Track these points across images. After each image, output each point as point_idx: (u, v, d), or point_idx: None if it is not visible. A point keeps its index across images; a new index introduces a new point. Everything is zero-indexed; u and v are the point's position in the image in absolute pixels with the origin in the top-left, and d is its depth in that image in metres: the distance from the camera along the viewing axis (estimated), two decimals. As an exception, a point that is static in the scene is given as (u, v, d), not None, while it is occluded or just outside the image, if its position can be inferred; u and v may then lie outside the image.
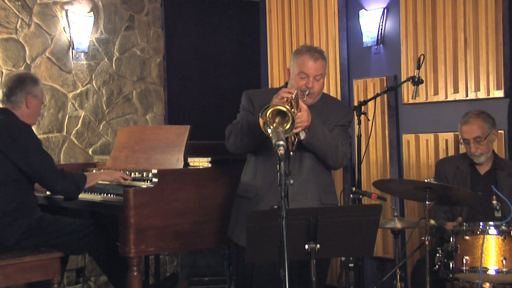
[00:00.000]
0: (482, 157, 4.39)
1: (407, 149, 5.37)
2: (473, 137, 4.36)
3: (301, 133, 3.60)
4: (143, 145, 4.94)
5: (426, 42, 5.25)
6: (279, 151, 2.90)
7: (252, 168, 3.89)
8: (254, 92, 3.95)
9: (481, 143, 4.35)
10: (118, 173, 4.54)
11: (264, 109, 3.26)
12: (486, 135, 4.35)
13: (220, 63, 6.62)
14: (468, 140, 4.38)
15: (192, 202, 4.34)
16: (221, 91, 6.59)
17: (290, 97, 3.47)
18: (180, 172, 4.39)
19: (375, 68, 5.60)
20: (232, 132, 3.77)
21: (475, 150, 4.36)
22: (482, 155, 4.38)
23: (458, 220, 4.16)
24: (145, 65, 6.21)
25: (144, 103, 6.21)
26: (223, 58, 6.64)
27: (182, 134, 4.65)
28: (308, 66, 3.73)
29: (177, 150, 4.62)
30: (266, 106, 3.27)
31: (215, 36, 6.62)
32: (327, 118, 3.83)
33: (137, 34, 6.16)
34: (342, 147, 3.78)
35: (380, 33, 5.52)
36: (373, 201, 4.28)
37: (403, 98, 5.39)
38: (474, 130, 4.36)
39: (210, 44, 6.58)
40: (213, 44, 6.60)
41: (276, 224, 2.86)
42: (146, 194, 4.11)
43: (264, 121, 3.25)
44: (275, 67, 6.31)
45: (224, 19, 6.66)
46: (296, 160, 3.74)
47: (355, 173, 4.82)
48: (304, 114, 3.52)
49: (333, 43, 5.83)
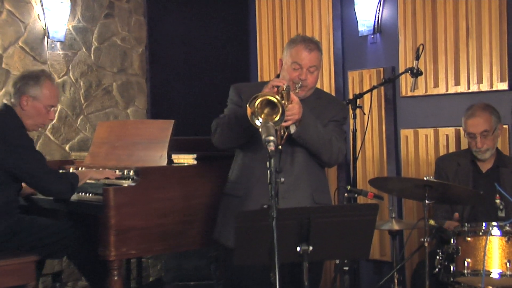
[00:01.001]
0: (488, 152, 4.40)
1: (405, 145, 5.40)
2: (480, 131, 4.36)
3: (292, 126, 3.61)
4: (124, 141, 4.93)
5: (426, 31, 5.27)
6: (269, 147, 2.90)
7: (240, 164, 3.90)
8: (243, 86, 3.96)
9: (488, 137, 4.36)
10: (108, 172, 4.53)
11: (253, 99, 3.26)
12: (493, 129, 4.37)
13: (207, 54, 6.61)
14: (474, 135, 4.38)
15: (177, 202, 4.34)
16: (208, 84, 6.58)
17: (281, 88, 3.48)
18: (163, 170, 4.39)
19: (371, 59, 5.62)
20: (218, 126, 3.78)
21: (482, 145, 4.37)
22: (487, 151, 4.39)
23: (455, 216, 4.18)
24: (126, 55, 6.20)
25: (125, 96, 6.20)
26: (210, 48, 6.63)
27: (166, 129, 4.65)
28: (302, 57, 3.75)
29: (160, 146, 4.62)
30: (255, 96, 3.27)
31: (201, 25, 6.61)
32: (321, 114, 3.84)
33: (117, 22, 6.14)
34: (337, 142, 3.79)
35: (376, 21, 5.53)
36: (369, 200, 4.30)
37: (401, 91, 5.42)
38: (481, 123, 4.36)
39: (196, 33, 6.57)
40: (200, 33, 6.59)
41: (266, 225, 2.87)
42: (128, 193, 4.11)
43: (252, 111, 3.25)
44: (265, 58, 6.32)
45: (211, 6, 6.65)
46: (287, 155, 3.75)
47: (350, 171, 4.83)
48: (295, 106, 3.53)
49: (326, 32, 5.84)
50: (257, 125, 3.24)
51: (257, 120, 3.25)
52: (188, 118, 6.30)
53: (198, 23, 6.61)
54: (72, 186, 4.25)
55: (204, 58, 6.62)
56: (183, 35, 6.53)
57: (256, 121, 3.25)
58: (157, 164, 4.54)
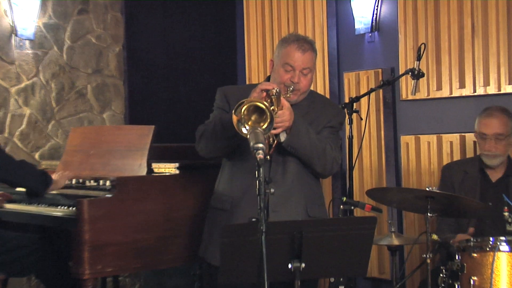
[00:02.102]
0: (497, 159, 4.41)
1: (405, 153, 5.41)
2: (493, 133, 4.37)
3: (282, 134, 3.61)
4: (100, 148, 4.92)
5: (428, 29, 5.29)
6: (258, 155, 2.90)
7: (228, 175, 3.90)
8: (230, 89, 3.96)
9: (501, 142, 4.37)
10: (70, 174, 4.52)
11: (238, 105, 3.26)
12: (508, 133, 4.38)
13: (190, 54, 6.61)
14: (486, 136, 4.39)
15: (157, 215, 4.33)
16: (192, 86, 6.58)
17: (271, 92, 3.48)
18: (143, 180, 4.39)
19: (368, 59, 5.64)
20: (203, 133, 3.78)
21: (493, 148, 4.38)
22: (497, 157, 4.40)
23: (470, 230, 4.18)
24: (102, 55, 6.19)
25: (101, 99, 6.19)
26: (194, 47, 6.64)
27: (146, 135, 4.65)
28: (295, 58, 3.75)
29: (139, 154, 4.61)
30: (240, 102, 3.27)
31: (184, 22, 6.62)
32: (314, 119, 3.84)
33: (92, 19, 6.14)
34: (331, 151, 3.80)
35: (374, 18, 5.56)
36: (366, 213, 4.31)
37: (401, 94, 5.43)
38: (497, 125, 4.37)
39: (179, 31, 6.57)
40: (183, 31, 6.59)
41: (254, 240, 2.87)
42: (103, 205, 4.10)
43: (239, 119, 3.26)
44: (253, 58, 6.33)
45: (195, 1, 6.66)
46: (279, 165, 3.75)
47: (346, 181, 4.84)
48: (286, 112, 3.53)
49: (320, 30, 5.85)
50: (244, 133, 3.24)
51: (244, 128, 3.25)
52: (170, 123, 6.29)
53: (180, 20, 6.61)
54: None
55: (188, 59, 6.62)
56: (164, 33, 6.52)
57: (243, 129, 3.25)
58: (136, 174, 4.53)
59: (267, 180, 2.94)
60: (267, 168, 3.61)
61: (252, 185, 2.98)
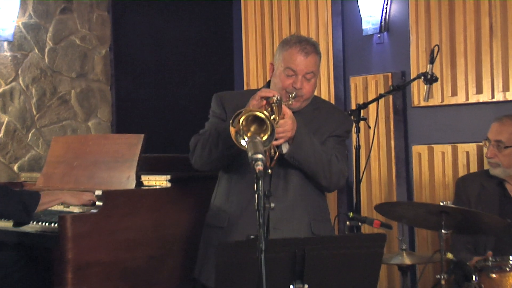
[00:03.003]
0: (498, 169, 4.43)
1: (418, 164, 5.42)
2: (494, 139, 4.41)
3: (284, 145, 3.62)
4: (84, 159, 4.93)
5: (442, 29, 5.30)
6: (257, 166, 2.91)
7: (224, 189, 3.90)
8: (227, 95, 3.97)
9: (501, 150, 4.39)
10: (87, 195, 4.44)
11: (236, 115, 3.27)
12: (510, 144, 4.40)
13: (183, 56, 6.62)
14: (489, 141, 4.43)
15: (147, 232, 4.34)
16: (185, 92, 6.59)
17: (271, 99, 3.49)
18: (131, 194, 4.39)
19: (377, 62, 5.65)
20: (198, 144, 3.78)
21: (491, 155, 4.41)
22: (498, 167, 4.42)
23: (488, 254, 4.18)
24: (87, 57, 6.20)
25: (86, 106, 6.20)
26: (188, 50, 6.64)
27: (134, 145, 4.66)
28: (297, 62, 3.76)
29: (127, 165, 4.62)
30: (238, 112, 3.28)
31: (177, 22, 6.63)
32: (319, 128, 3.85)
33: (76, 19, 6.15)
34: (338, 163, 3.80)
35: (384, 18, 5.57)
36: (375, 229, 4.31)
37: (412, 100, 5.45)
38: (498, 131, 4.41)
39: (171, 32, 6.58)
40: (175, 31, 6.60)
41: (253, 259, 2.87)
42: (88, 222, 4.11)
43: (237, 130, 3.27)
44: (252, 61, 6.34)
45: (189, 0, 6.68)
46: (280, 178, 3.76)
47: (353, 195, 4.84)
48: (288, 121, 3.55)
49: (324, 30, 5.87)
50: (242, 145, 3.25)
51: (242, 140, 3.26)
52: (161, 132, 6.30)
53: (173, 20, 6.62)
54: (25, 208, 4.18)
55: (181, 62, 6.63)
56: (154, 34, 6.53)
57: (242, 141, 3.26)
58: (124, 187, 4.54)
59: (267, 194, 2.94)
60: (267, 182, 3.61)
61: (251, 200, 2.99)
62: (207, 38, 6.74)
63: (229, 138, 3.30)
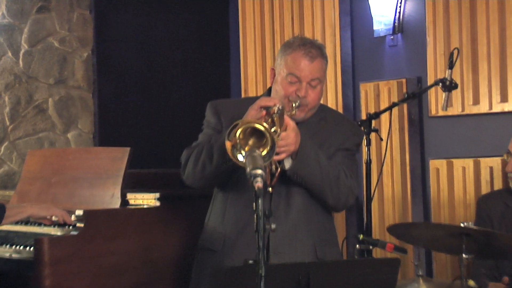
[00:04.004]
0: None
1: (435, 181, 5.43)
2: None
3: (286, 160, 3.62)
4: (63, 175, 4.93)
5: (462, 31, 5.32)
6: (256, 183, 2.91)
7: (220, 208, 3.90)
8: (223, 104, 3.97)
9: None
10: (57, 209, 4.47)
11: (232, 128, 3.28)
12: None
13: (174, 60, 6.62)
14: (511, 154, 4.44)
15: (134, 256, 4.34)
16: (176, 100, 6.59)
17: (272, 109, 3.50)
18: (115, 214, 4.40)
19: (390, 67, 5.66)
20: (190, 158, 3.79)
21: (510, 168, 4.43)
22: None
23: (504, 280, 4.19)
24: (67, 61, 6.21)
25: (65, 115, 6.20)
26: (179, 53, 6.65)
27: (119, 159, 4.66)
28: (300, 67, 3.75)
29: (111, 182, 4.63)
30: (234, 123, 3.29)
31: (167, 22, 6.63)
32: (326, 140, 3.85)
33: (54, 18, 6.16)
34: (346, 180, 3.80)
35: (397, 18, 5.59)
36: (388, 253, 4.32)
37: (429, 110, 5.46)
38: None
39: (160, 34, 6.59)
40: (165, 33, 6.61)
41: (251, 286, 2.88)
42: (68, 245, 4.11)
43: (233, 144, 3.28)
44: (250, 66, 6.35)
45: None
46: (281, 197, 3.76)
47: (363, 215, 4.85)
48: (291, 134, 3.55)
49: (331, 32, 5.88)
50: (240, 160, 3.26)
51: (239, 154, 3.27)
52: (149, 145, 6.30)
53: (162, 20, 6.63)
54: None
55: (171, 66, 6.64)
56: (142, 35, 6.54)
57: (239, 155, 3.27)
58: (107, 206, 4.54)
59: (267, 214, 2.94)
60: (267, 200, 3.61)
61: (249, 221, 2.99)
62: (200, 40, 6.75)
63: (225, 152, 3.30)
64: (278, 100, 3.61)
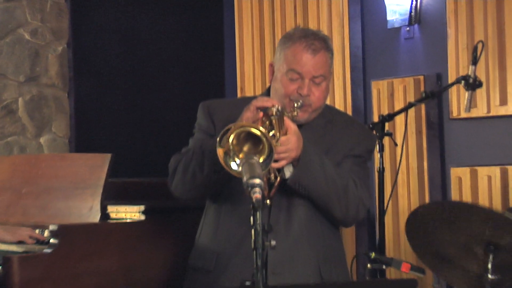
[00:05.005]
0: None
1: (457, 191, 5.44)
2: None
3: (286, 168, 3.63)
4: (36, 185, 4.94)
5: (488, 21, 5.33)
6: (254, 194, 2.91)
7: (212, 222, 3.91)
8: (216, 104, 3.98)
9: None
10: (24, 230, 4.48)
11: (223, 133, 3.28)
12: None
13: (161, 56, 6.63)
14: None
15: (115, 277, 4.34)
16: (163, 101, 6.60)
17: (270, 111, 3.51)
18: (94, 229, 4.40)
19: (406, 63, 5.68)
20: (179, 166, 3.79)
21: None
22: None
23: None
24: (39, 56, 6.22)
25: (37, 117, 6.21)
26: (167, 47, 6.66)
27: (99, 167, 4.67)
28: (302, 61, 3.75)
29: (90, 193, 4.63)
30: (227, 128, 3.29)
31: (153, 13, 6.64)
32: (332, 145, 3.85)
33: (25, 7, 6.17)
34: (356, 190, 3.80)
35: (414, 7, 5.60)
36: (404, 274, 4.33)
37: (451, 111, 5.47)
38: None
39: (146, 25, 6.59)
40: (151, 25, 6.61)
41: (249, 311, 2.89)
42: (40, 264, 4.11)
43: (226, 151, 3.28)
44: (247, 61, 6.36)
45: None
46: (282, 210, 3.76)
47: (375, 230, 4.86)
48: (292, 139, 3.55)
49: (339, 22, 5.90)
50: (233, 169, 3.27)
51: (233, 162, 3.27)
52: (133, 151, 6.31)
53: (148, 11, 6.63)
54: None
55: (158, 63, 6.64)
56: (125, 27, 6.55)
57: (233, 164, 3.27)
58: (85, 220, 4.54)
59: (266, 229, 2.94)
60: (266, 214, 3.61)
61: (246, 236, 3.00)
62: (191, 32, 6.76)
63: (217, 160, 3.31)
64: (277, 100, 3.61)
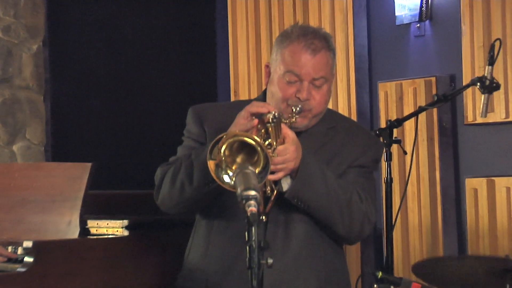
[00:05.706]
0: None
1: (473, 204, 5.43)
2: None
3: (284, 181, 3.62)
4: (8, 197, 4.93)
5: (506, 18, 5.33)
6: (249, 207, 2.90)
7: (202, 239, 3.90)
8: (208, 109, 3.97)
9: None
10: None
11: (214, 143, 3.28)
12: None
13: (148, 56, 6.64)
14: None
15: (95, 299, 4.35)
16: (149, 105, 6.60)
17: (266, 117, 3.50)
18: (73, 246, 4.40)
19: (416, 63, 5.68)
20: (166, 177, 3.78)
21: None
22: None
23: None
24: (12, 56, 6.22)
25: (10, 123, 6.21)
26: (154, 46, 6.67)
27: (78, 178, 4.67)
28: (301, 62, 3.75)
29: (68, 206, 4.63)
30: (218, 137, 3.29)
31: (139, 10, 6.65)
32: (335, 155, 3.85)
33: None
34: (361, 204, 3.80)
35: (425, 1, 5.60)
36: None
37: (465, 116, 5.47)
38: None
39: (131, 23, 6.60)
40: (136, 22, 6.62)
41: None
42: (14, 285, 4.11)
43: (217, 163, 3.27)
44: (241, 62, 6.36)
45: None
46: (279, 225, 3.76)
47: (383, 247, 4.85)
48: (290, 148, 3.54)
49: (343, 19, 5.90)
50: (226, 183, 3.26)
51: (225, 175, 3.27)
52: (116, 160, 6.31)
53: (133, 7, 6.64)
54: None
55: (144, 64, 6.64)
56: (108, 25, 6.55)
57: (225, 176, 3.27)
58: (63, 236, 4.54)
59: (262, 246, 2.94)
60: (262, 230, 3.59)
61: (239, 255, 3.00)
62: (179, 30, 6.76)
63: (207, 172, 3.30)
64: (274, 105, 3.60)
